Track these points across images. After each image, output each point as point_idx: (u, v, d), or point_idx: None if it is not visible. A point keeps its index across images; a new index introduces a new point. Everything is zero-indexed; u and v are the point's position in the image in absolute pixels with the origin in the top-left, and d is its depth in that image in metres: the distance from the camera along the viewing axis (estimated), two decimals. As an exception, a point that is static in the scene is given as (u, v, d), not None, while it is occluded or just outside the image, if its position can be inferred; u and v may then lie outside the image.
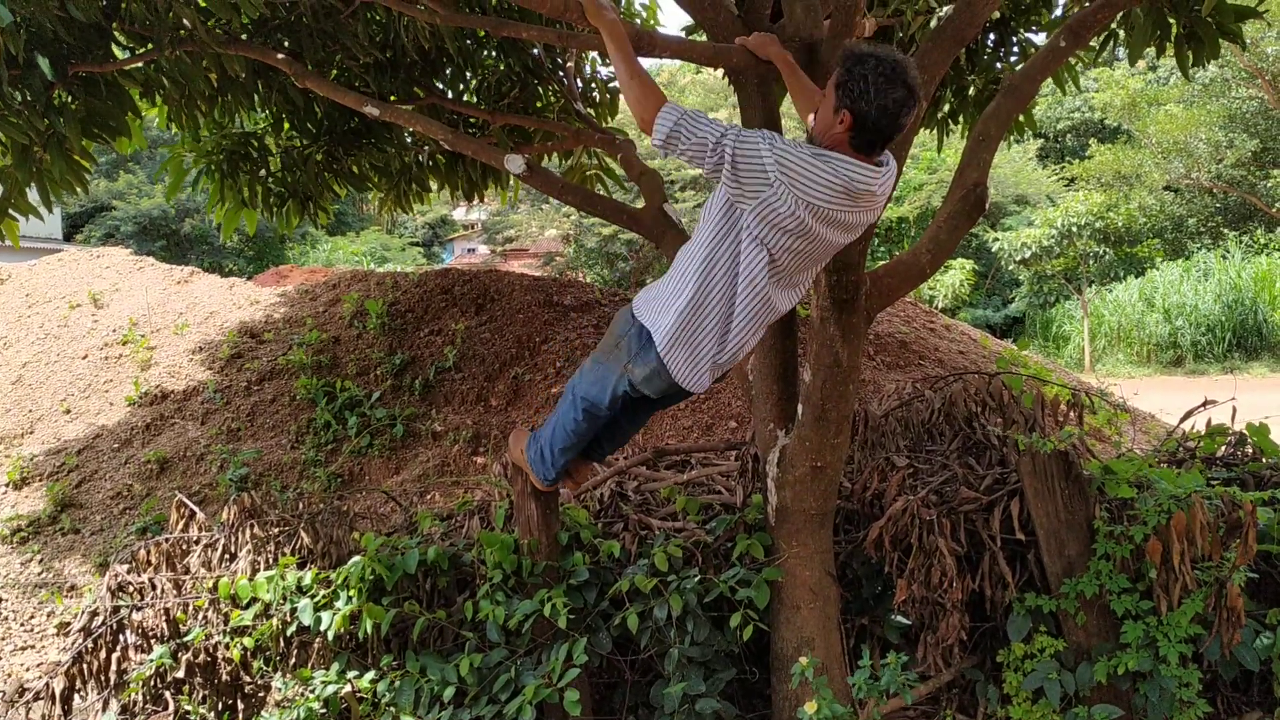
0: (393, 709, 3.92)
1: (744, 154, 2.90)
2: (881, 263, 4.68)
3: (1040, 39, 6.15)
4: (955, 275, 26.62)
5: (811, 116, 3.19)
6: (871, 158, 3.01)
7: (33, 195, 5.33)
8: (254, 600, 4.35)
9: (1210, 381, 19.44)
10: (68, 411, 8.11)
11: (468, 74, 6.84)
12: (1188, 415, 4.99)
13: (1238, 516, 3.64)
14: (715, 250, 3.09)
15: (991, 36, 6.12)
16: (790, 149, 2.90)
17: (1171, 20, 5.07)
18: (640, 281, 29.37)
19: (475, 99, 7.04)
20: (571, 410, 3.57)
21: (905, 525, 4.00)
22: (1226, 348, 22.74)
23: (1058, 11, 5.95)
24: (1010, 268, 27.03)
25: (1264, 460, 4.49)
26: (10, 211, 5.44)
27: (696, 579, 3.90)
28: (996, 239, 26.45)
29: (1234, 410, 4.87)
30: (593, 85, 7.27)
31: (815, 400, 3.78)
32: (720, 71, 3.91)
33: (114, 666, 4.44)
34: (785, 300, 3.23)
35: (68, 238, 31.57)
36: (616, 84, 7.22)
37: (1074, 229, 24.08)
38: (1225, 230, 28.03)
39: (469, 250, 47.55)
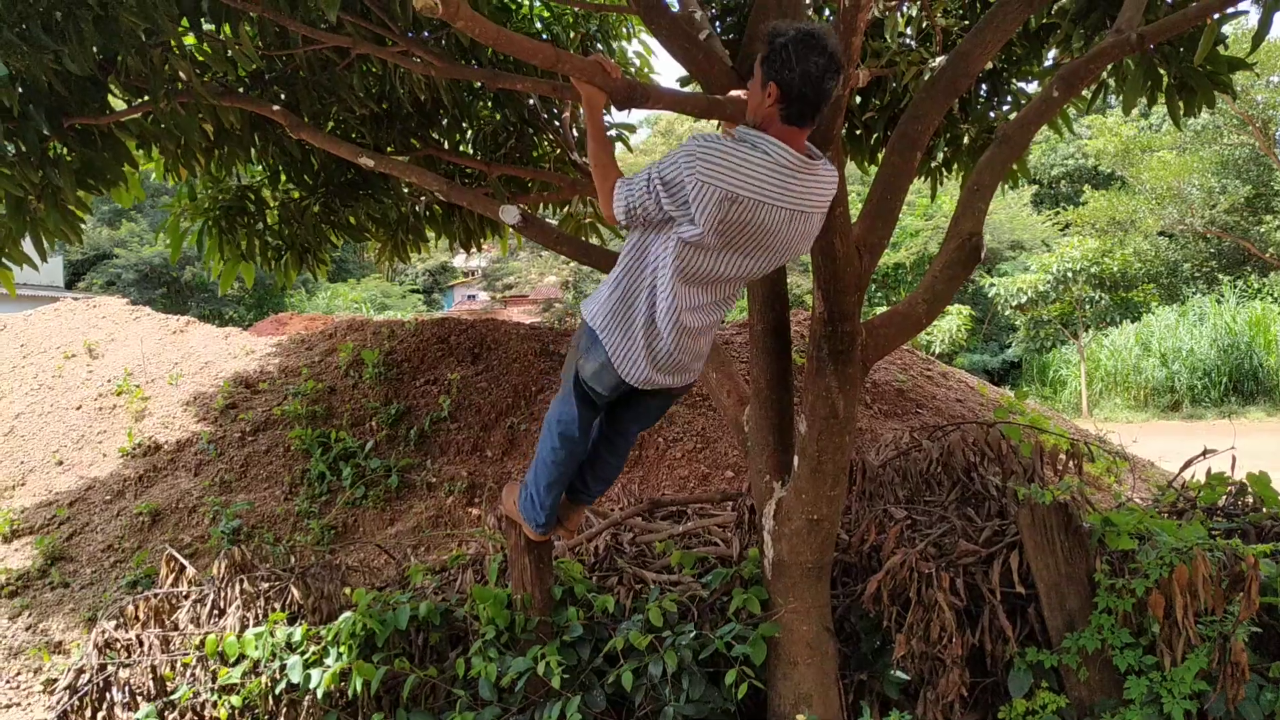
0: (383, 770, 3.84)
1: (667, 172, 2.94)
2: (879, 310, 4.67)
3: (1033, 89, 6.18)
4: (952, 321, 26.68)
5: None
6: (802, 133, 3.02)
7: (28, 245, 5.32)
8: (242, 657, 4.28)
9: (1208, 426, 19.39)
10: (60, 463, 8.05)
11: (464, 125, 6.88)
12: (1188, 464, 4.95)
13: (1240, 569, 3.59)
14: (648, 247, 3.12)
15: (985, 87, 6.15)
16: (712, 142, 2.91)
17: (1162, 71, 5.09)
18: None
19: (471, 149, 7.06)
20: (548, 439, 3.55)
21: (904, 578, 3.95)
22: (1223, 392, 22.74)
23: (1049, 62, 5.98)
24: (1006, 313, 27.10)
25: (1265, 510, 4.45)
26: (4, 261, 5.43)
27: (692, 634, 3.84)
28: (993, 284, 26.54)
29: (1234, 459, 4.83)
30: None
31: (811, 452, 3.75)
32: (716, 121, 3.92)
33: (100, 726, 4.36)
34: (710, 313, 3.21)
35: (69, 285, 31.69)
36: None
37: (1069, 274, 24.15)
38: (1220, 275, 28.17)
39: (469, 297, 47.68)
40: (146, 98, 5.02)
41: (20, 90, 4.49)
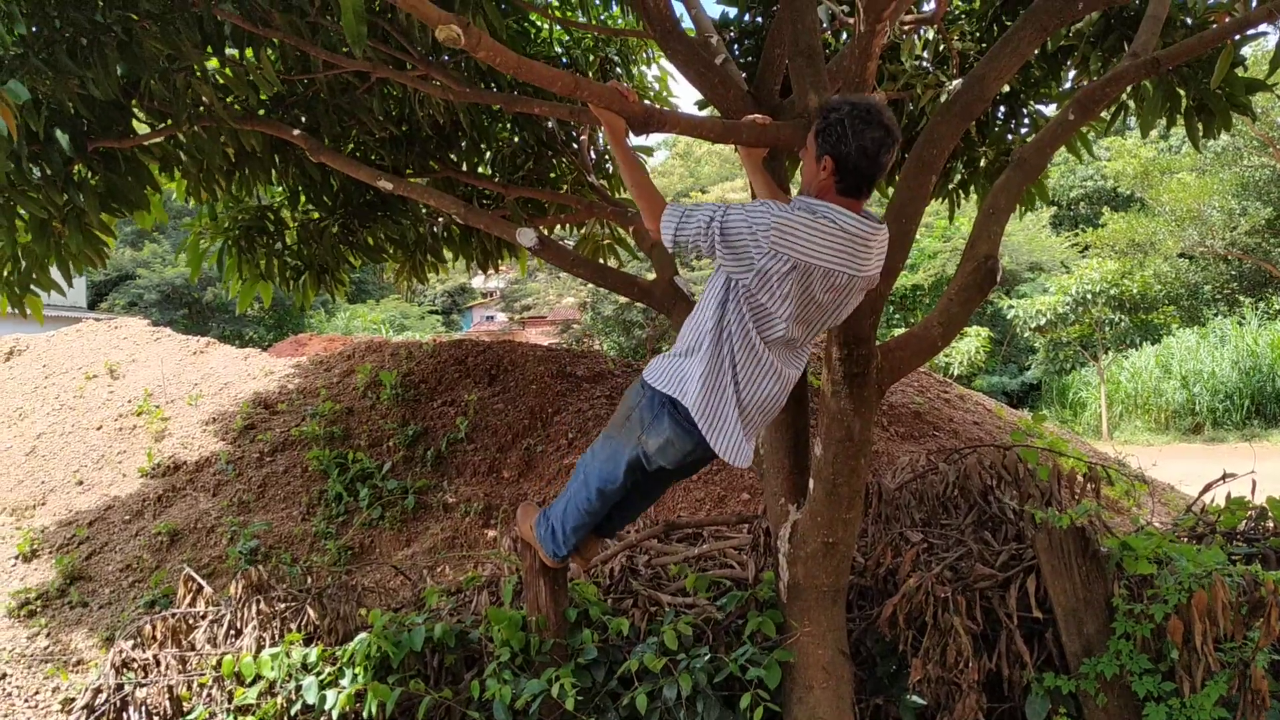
0: (397, 791, 3.84)
1: (732, 225, 2.97)
2: (896, 331, 4.66)
3: (1050, 111, 6.19)
4: (970, 342, 26.56)
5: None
6: (859, 202, 3.06)
7: (55, 273, 5.40)
8: (258, 678, 4.28)
9: (1230, 449, 19.20)
10: (80, 483, 8.10)
11: (482, 147, 6.93)
12: (1207, 488, 4.91)
13: (1260, 595, 3.56)
14: (724, 316, 3.12)
15: (1002, 109, 6.16)
16: (788, 213, 2.95)
17: (1181, 93, 5.09)
18: (656, 349, 29.44)
19: (490, 171, 7.12)
20: (584, 489, 3.56)
21: (920, 602, 3.93)
22: (1245, 415, 22.53)
23: (1067, 84, 5.98)
24: (1026, 335, 26.98)
25: (1286, 535, 4.40)
26: (33, 288, 5.50)
27: (707, 658, 3.83)
28: (1011, 306, 26.45)
29: (1254, 483, 4.79)
30: (606, 157, 7.34)
31: (826, 475, 3.74)
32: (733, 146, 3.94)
33: (117, 745, 4.38)
34: (791, 365, 3.24)
35: (92, 306, 31.99)
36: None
37: (1089, 296, 24.05)
38: (1241, 297, 27.98)
39: (488, 318, 47.84)
40: (169, 121, 5.09)
41: (45, 114, 4.55)
